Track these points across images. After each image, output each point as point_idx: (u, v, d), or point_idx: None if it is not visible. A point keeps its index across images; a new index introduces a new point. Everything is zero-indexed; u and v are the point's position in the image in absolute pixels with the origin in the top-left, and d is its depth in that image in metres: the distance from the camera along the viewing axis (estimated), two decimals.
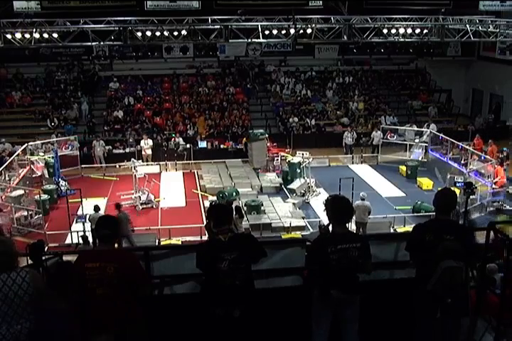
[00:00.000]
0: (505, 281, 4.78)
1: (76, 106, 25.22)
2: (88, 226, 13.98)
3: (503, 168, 18.16)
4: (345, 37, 20.34)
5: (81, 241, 13.29)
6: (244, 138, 23.14)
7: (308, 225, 15.57)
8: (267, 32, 20.21)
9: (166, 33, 19.72)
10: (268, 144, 21.16)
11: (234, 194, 16.80)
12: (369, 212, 14.38)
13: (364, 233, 13.50)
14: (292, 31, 19.94)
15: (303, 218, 16.03)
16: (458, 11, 21.73)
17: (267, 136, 21.25)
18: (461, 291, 4.48)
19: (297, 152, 19.83)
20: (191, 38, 20.19)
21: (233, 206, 12.27)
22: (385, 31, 20.54)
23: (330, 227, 4.62)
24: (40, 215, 15.66)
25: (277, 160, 20.53)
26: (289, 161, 19.37)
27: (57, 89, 26.50)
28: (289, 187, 18.27)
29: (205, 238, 13.48)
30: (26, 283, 3.92)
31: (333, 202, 4.64)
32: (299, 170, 18.62)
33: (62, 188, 18.07)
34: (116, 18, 19.22)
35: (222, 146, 23.44)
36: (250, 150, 21.20)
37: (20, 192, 16.69)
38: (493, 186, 17.16)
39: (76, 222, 15.49)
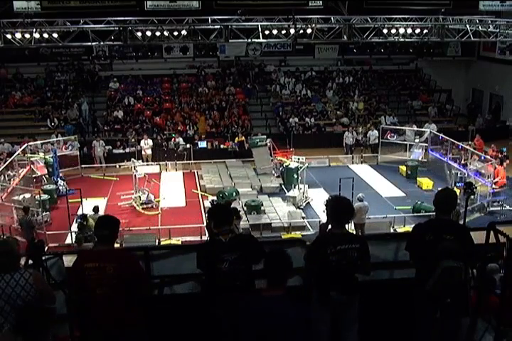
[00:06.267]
0: (505, 281, 4.77)
1: (76, 106, 25.22)
2: None
3: (503, 168, 18.15)
4: (345, 37, 20.31)
5: None
6: (237, 138, 23.13)
7: (308, 225, 15.57)
8: (267, 32, 20.17)
9: (166, 33, 19.67)
10: (269, 149, 20.22)
11: (234, 194, 16.78)
12: (366, 211, 14.44)
13: (363, 233, 13.50)
14: (292, 31, 19.90)
15: (303, 218, 16.02)
16: (458, 11, 21.67)
17: (268, 141, 20.28)
18: (461, 291, 4.48)
19: (293, 156, 19.43)
20: (191, 38, 20.17)
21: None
22: (385, 31, 20.50)
23: (329, 227, 4.62)
24: (48, 213, 15.75)
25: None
26: (286, 166, 18.78)
27: (57, 89, 26.50)
28: (288, 195, 17.57)
29: (205, 238, 13.49)
30: (29, 284, 3.90)
31: (333, 202, 4.64)
32: (295, 176, 18.03)
33: (61, 188, 18.06)
34: (116, 18, 19.18)
35: (222, 146, 23.43)
36: (254, 156, 20.60)
37: (27, 195, 16.62)
38: (493, 186, 17.15)
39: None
